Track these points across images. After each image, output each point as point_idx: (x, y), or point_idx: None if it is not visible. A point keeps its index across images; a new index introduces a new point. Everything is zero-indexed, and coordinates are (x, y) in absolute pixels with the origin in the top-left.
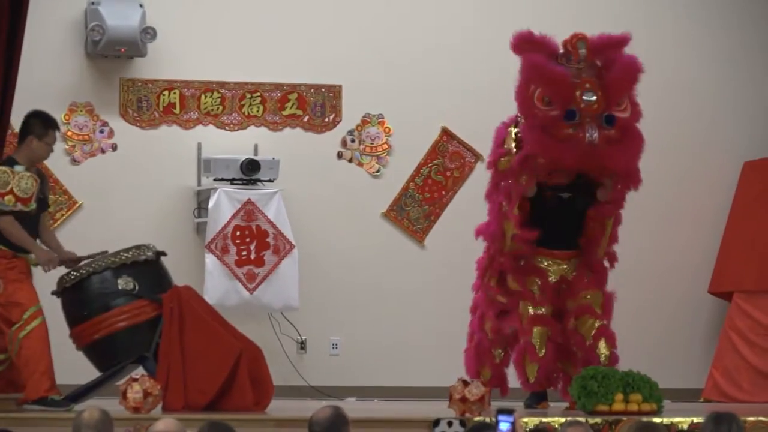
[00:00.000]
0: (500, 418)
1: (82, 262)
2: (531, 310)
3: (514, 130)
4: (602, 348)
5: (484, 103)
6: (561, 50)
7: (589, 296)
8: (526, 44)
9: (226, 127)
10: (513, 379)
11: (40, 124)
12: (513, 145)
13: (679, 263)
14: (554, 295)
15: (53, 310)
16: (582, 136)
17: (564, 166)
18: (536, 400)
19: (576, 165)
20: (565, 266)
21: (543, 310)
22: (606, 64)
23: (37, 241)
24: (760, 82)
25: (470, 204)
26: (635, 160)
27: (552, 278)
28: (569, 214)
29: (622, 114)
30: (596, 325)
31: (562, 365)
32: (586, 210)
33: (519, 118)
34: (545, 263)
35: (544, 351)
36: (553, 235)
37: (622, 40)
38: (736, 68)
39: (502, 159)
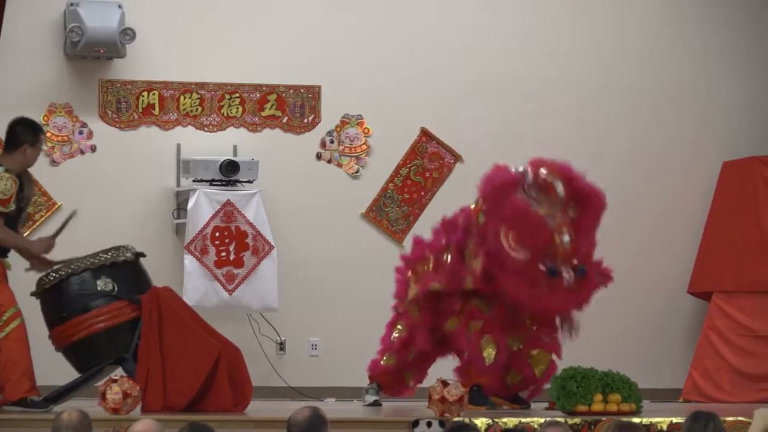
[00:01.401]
0: None
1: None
2: (476, 326)
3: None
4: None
5: (462, 103)
6: (529, 178)
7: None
8: (498, 192)
9: (205, 128)
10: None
11: (30, 131)
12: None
13: (658, 264)
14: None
15: (32, 312)
16: (560, 282)
17: (543, 312)
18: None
19: (555, 311)
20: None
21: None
22: (571, 199)
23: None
24: (737, 83)
25: (449, 204)
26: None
27: None
28: None
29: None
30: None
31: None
32: None
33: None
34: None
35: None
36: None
37: (579, 176)
38: (714, 71)
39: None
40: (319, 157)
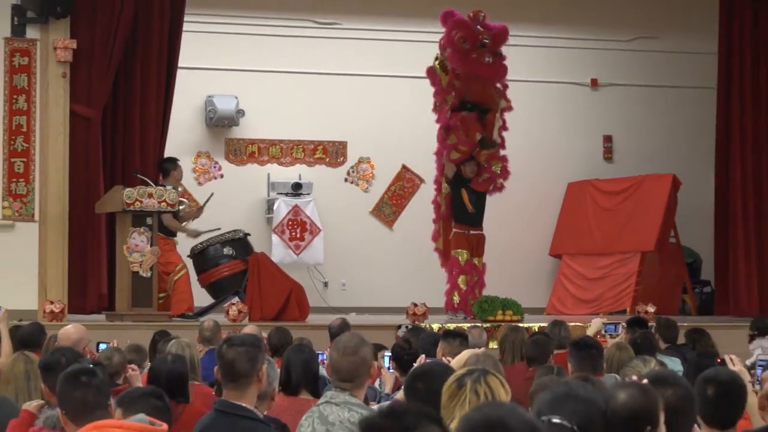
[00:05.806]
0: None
1: (202, 234)
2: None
3: (437, 63)
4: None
5: (425, 153)
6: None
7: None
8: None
9: (283, 165)
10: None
11: (171, 162)
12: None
13: (533, 239)
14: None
15: (189, 266)
16: (483, 59)
17: (475, 74)
18: None
19: (481, 74)
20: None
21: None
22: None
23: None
24: (575, 128)
25: (418, 208)
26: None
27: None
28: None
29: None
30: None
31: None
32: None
33: (439, 57)
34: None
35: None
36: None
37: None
38: (560, 121)
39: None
40: (345, 180)
